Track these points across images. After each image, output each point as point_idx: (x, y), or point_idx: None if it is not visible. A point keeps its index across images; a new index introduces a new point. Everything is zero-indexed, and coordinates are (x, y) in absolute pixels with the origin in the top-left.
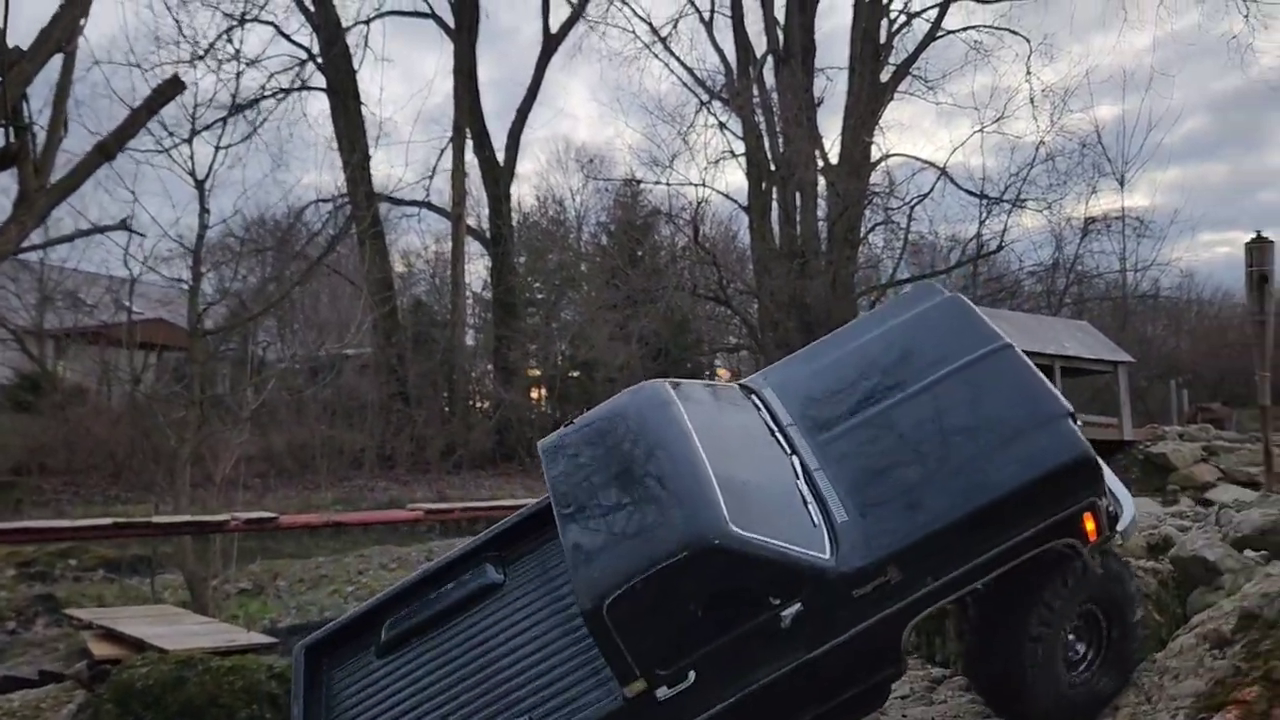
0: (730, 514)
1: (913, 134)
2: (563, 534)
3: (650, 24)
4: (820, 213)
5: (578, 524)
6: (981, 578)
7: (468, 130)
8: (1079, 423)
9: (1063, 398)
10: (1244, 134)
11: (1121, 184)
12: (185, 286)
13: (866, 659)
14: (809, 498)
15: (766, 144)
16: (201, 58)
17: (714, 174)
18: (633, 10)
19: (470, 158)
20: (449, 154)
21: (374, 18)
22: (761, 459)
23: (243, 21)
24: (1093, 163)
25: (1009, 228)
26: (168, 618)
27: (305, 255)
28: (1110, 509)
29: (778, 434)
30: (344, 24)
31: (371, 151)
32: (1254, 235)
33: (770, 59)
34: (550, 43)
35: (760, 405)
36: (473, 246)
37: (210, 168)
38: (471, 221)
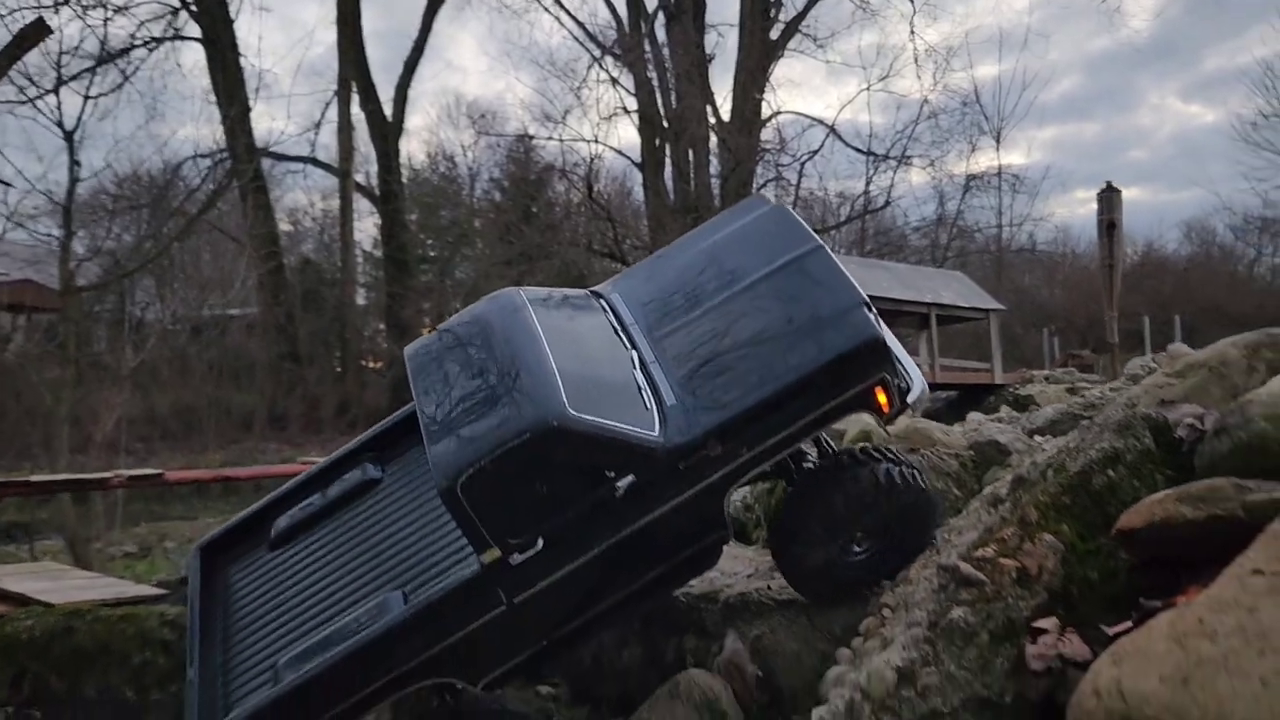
0: (570, 400)
1: (803, 91)
2: (423, 425)
3: None
4: (713, 169)
5: (437, 417)
6: (789, 447)
7: (353, 83)
8: (873, 311)
9: (859, 289)
10: (1115, 94)
11: (998, 141)
12: (55, 244)
13: (696, 524)
14: (643, 386)
15: (659, 100)
16: (65, 2)
17: (607, 130)
18: None
19: (357, 112)
20: (334, 108)
21: None
22: (603, 353)
23: None
24: (973, 121)
25: (895, 184)
26: (51, 574)
27: (184, 211)
28: (901, 385)
29: (619, 333)
30: None
31: (252, 105)
32: (1104, 185)
33: (662, 14)
34: None
35: (606, 308)
36: (362, 204)
37: (79, 118)
38: (360, 178)
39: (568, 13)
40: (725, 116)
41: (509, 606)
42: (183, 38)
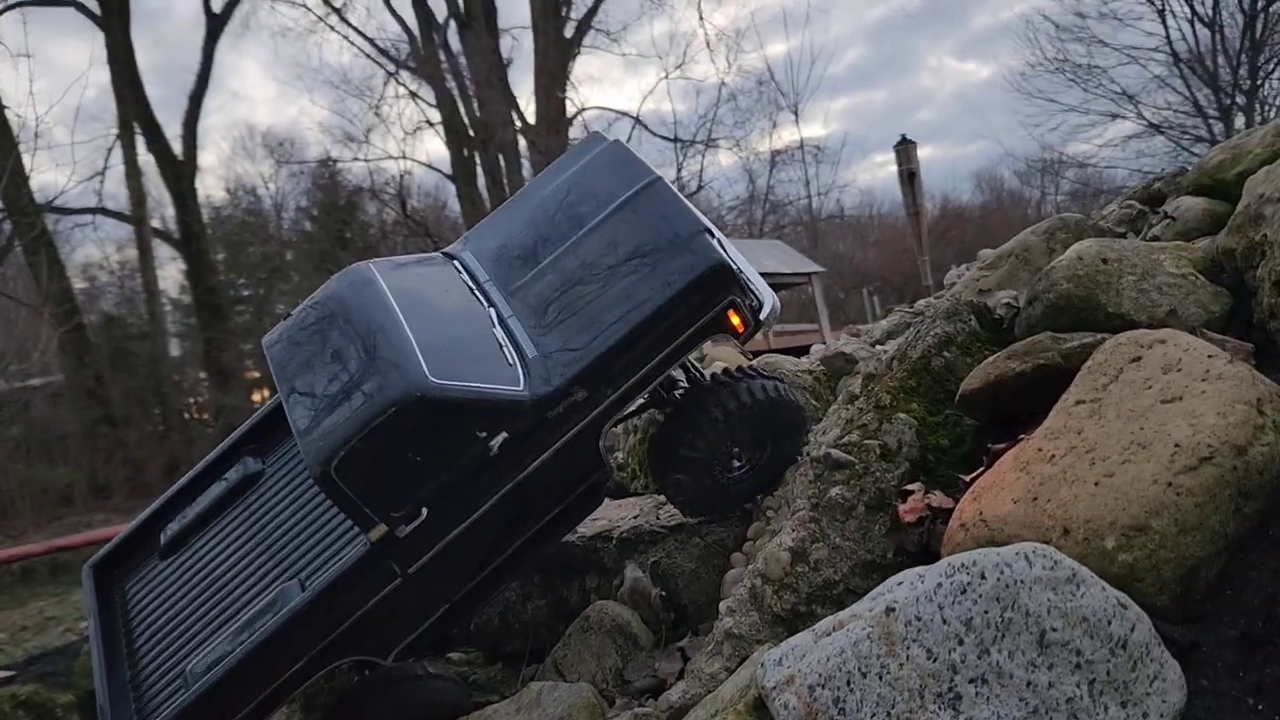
0: (429, 368)
1: (604, 86)
2: (289, 414)
3: None
4: (525, 171)
5: (300, 403)
6: (654, 380)
7: (135, 124)
8: (715, 237)
9: (702, 217)
10: (896, 60)
11: (796, 116)
12: None
13: (575, 469)
14: (504, 342)
15: (462, 109)
16: None
17: (413, 145)
18: None
19: (144, 155)
20: (118, 153)
21: (3, 10)
22: (460, 315)
23: None
24: (770, 98)
25: (705, 167)
26: None
27: None
28: (752, 304)
29: (475, 291)
30: None
31: (26, 158)
32: (899, 138)
33: (453, 23)
34: (215, 23)
35: (460, 268)
36: (162, 250)
37: None
38: (156, 223)
39: (356, 30)
40: (531, 119)
41: (404, 578)
42: None
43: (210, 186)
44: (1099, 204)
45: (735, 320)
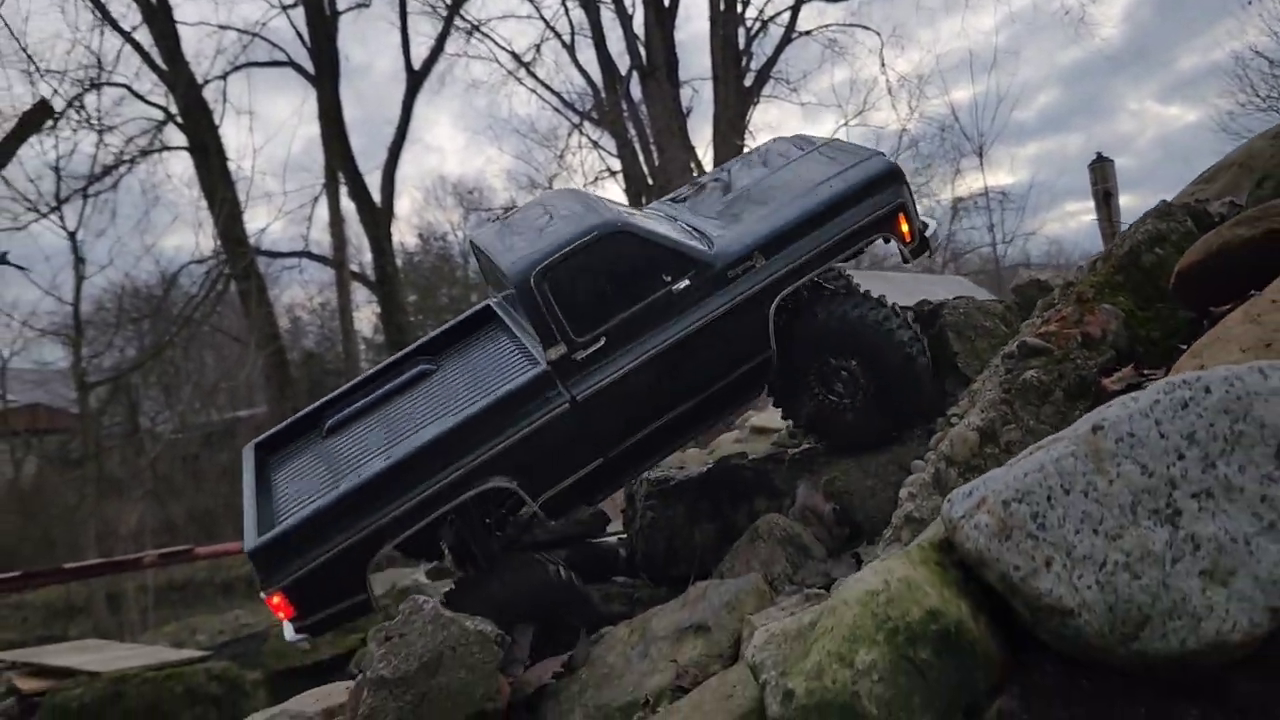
0: (627, 218)
1: (782, 132)
2: (493, 249)
3: (513, 52)
4: None
5: (507, 237)
6: (822, 264)
7: (340, 175)
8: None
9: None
10: (1093, 103)
11: (981, 155)
12: (58, 367)
13: (744, 337)
14: (692, 229)
15: (641, 158)
16: (54, 125)
17: (594, 192)
18: (494, 41)
19: (345, 202)
20: (323, 201)
21: (230, 72)
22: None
23: (93, 86)
24: (954, 144)
25: None
26: (92, 649)
27: (186, 319)
28: (919, 225)
29: (675, 215)
30: (199, 80)
31: (243, 206)
32: (1095, 155)
33: (635, 75)
34: (415, 80)
35: (667, 208)
36: (359, 292)
37: (80, 216)
38: (354, 266)
39: (543, 84)
40: (709, 166)
41: (571, 405)
42: (170, 148)
43: (403, 232)
44: None
45: (904, 227)
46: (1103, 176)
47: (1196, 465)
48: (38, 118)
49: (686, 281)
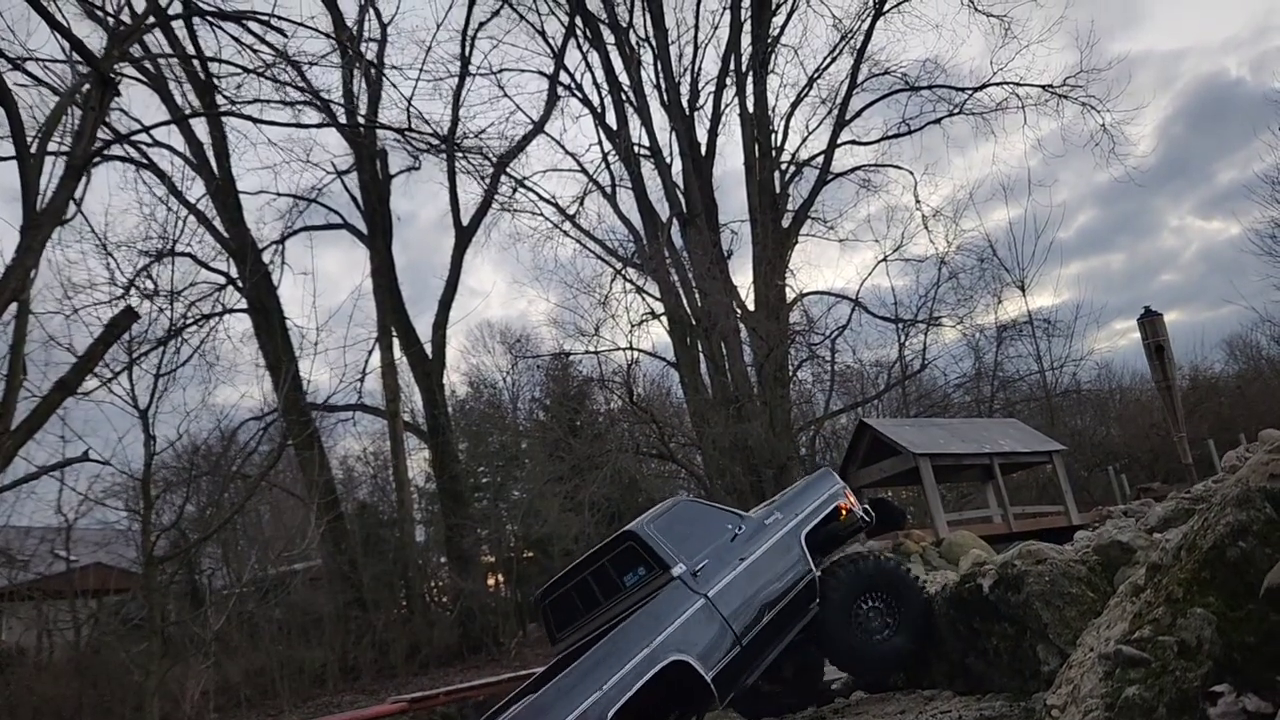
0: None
1: (822, 269)
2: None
3: (557, 204)
4: (747, 357)
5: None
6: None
7: (392, 329)
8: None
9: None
10: (1133, 221)
11: (1023, 289)
12: (126, 524)
13: (783, 561)
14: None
15: (684, 300)
16: (122, 296)
17: (639, 335)
18: (538, 195)
19: (398, 354)
20: (376, 354)
21: (288, 236)
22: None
23: (160, 257)
24: (993, 273)
25: (928, 346)
26: None
27: (243, 475)
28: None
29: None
30: (259, 244)
31: (299, 361)
32: (1143, 310)
33: (675, 221)
34: (463, 236)
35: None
36: (411, 441)
37: (151, 396)
38: (406, 416)
39: (586, 233)
40: (751, 306)
41: (704, 599)
42: (231, 311)
43: (453, 381)
44: None
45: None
46: (1153, 331)
47: None
48: (124, 323)
49: (741, 529)
